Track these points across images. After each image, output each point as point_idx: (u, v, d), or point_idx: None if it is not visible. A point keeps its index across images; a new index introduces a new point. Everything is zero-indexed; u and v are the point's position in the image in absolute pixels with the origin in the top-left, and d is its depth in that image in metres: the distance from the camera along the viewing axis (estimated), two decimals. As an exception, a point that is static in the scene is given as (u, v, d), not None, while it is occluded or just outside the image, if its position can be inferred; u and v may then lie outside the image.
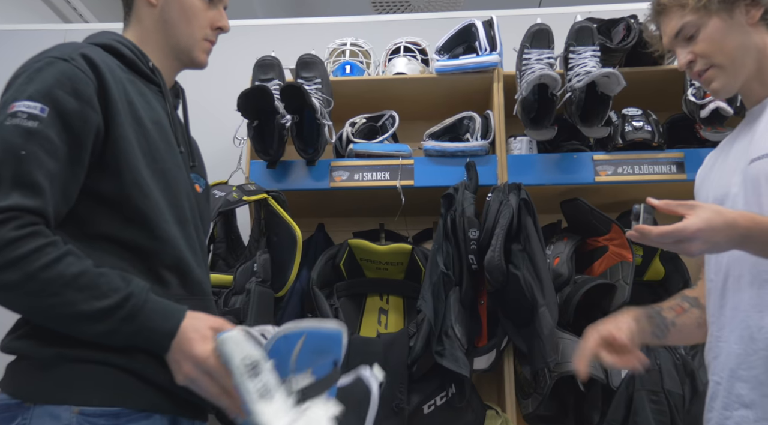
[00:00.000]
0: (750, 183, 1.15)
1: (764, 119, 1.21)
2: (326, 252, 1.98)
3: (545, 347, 1.65)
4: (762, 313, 1.12)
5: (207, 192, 1.33)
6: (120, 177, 1.06)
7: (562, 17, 2.10)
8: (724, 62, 1.21)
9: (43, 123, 0.98)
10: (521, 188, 1.79)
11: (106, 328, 0.96)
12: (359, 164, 1.96)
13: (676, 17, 1.23)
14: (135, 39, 1.22)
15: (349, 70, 2.19)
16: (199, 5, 1.22)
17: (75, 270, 0.95)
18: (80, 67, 1.04)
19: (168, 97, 1.21)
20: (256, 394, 0.91)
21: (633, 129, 1.90)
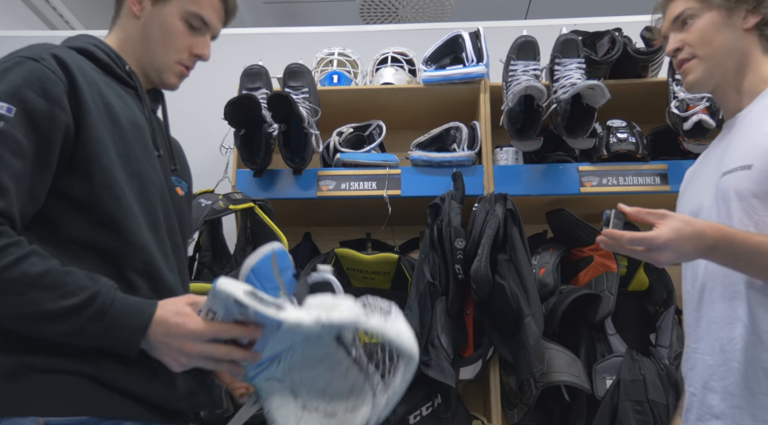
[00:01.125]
0: (721, 196, 1.17)
1: (736, 132, 1.23)
2: (313, 261, 1.97)
3: (531, 357, 1.65)
4: (732, 325, 1.13)
5: (189, 196, 1.32)
6: (91, 179, 1.04)
7: (547, 29, 2.12)
8: (706, 55, 1.23)
9: (10, 123, 0.97)
10: (507, 198, 1.80)
11: (72, 327, 0.94)
12: (346, 174, 1.96)
13: (681, 2, 1.26)
14: (114, 44, 1.21)
15: (337, 79, 2.19)
16: (181, 29, 1.21)
17: (39, 269, 0.93)
18: (50, 67, 1.03)
19: (145, 100, 1.20)
20: (274, 310, 0.93)
21: (617, 141, 1.92)
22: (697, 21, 1.24)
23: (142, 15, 1.20)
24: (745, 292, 1.13)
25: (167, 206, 1.16)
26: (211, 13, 1.23)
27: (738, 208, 1.13)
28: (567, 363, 1.73)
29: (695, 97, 1.81)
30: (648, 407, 1.63)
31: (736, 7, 1.22)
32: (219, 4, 1.25)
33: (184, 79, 1.27)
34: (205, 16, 1.22)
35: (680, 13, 1.25)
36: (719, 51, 1.23)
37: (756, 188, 1.12)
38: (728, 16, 1.22)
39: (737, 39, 1.23)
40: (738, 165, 1.15)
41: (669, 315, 1.83)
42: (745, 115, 1.23)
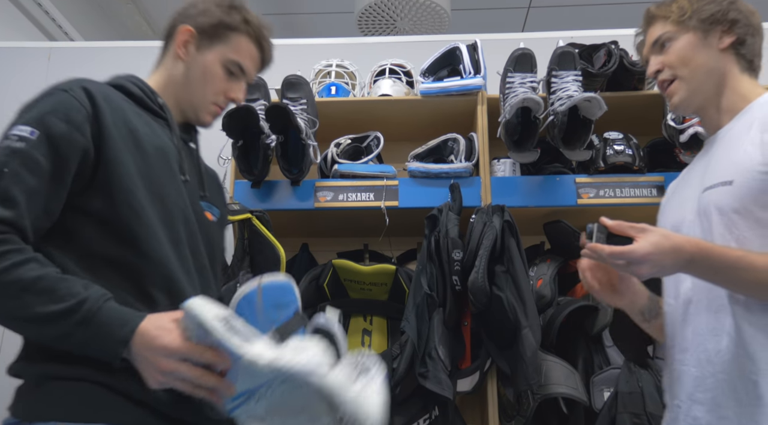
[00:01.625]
0: (703, 211, 1.20)
1: (717, 149, 1.25)
2: (310, 272, 1.97)
3: (528, 369, 1.64)
4: (718, 337, 1.15)
5: (222, 222, 1.39)
6: (112, 197, 1.12)
7: (544, 42, 2.14)
8: (686, 76, 1.28)
9: (30, 144, 1.07)
10: (505, 209, 1.80)
11: (60, 331, 0.99)
12: (344, 185, 1.96)
13: (659, 27, 1.32)
14: (156, 81, 1.34)
15: (335, 91, 2.20)
16: (219, 74, 1.34)
17: (34, 275, 0.99)
18: (76, 97, 1.14)
19: (175, 130, 1.30)
20: (238, 340, 0.93)
21: (614, 153, 1.92)
22: (675, 43, 1.29)
23: (187, 58, 1.33)
24: (729, 305, 1.15)
25: (191, 226, 1.23)
26: (248, 61, 1.37)
27: (719, 223, 1.16)
28: (565, 375, 1.73)
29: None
30: (646, 419, 1.62)
31: (711, 29, 1.27)
32: (257, 54, 1.38)
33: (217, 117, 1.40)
34: (243, 64, 1.35)
35: (659, 36, 1.31)
36: (698, 71, 1.28)
37: (737, 204, 1.14)
38: (704, 37, 1.27)
39: (715, 59, 1.28)
40: (719, 181, 1.18)
41: (666, 327, 1.83)
42: (726, 132, 1.26)
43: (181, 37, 1.34)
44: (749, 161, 1.15)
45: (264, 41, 1.38)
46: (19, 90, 2.55)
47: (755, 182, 1.13)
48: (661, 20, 1.32)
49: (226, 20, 1.34)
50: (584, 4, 4.34)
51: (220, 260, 1.40)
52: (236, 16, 1.35)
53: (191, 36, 1.34)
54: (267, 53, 1.40)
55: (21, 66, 2.59)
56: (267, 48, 1.40)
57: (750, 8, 1.30)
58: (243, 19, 1.35)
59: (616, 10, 4.29)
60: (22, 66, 2.59)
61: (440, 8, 3.71)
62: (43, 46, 2.72)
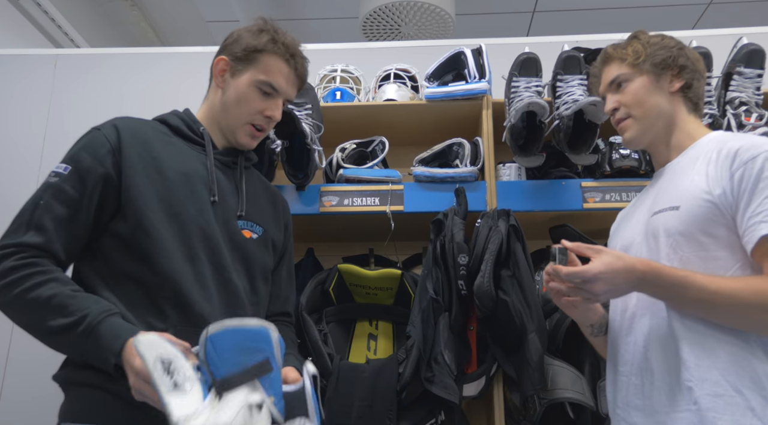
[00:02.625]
0: (651, 233, 1.30)
1: (664, 180, 1.38)
2: (315, 277, 1.97)
3: (535, 373, 1.64)
4: (657, 347, 1.24)
5: (264, 240, 1.46)
6: (128, 219, 1.26)
7: (549, 46, 2.14)
8: (639, 115, 1.39)
9: (62, 178, 1.25)
10: (510, 214, 1.80)
11: (68, 341, 1.14)
12: (349, 189, 1.96)
13: (615, 67, 1.44)
14: (202, 112, 1.49)
15: (340, 96, 2.20)
16: (253, 95, 1.43)
17: (50, 293, 1.15)
18: (105, 133, 1.31)
19: (209, 155, 1.41)
20: (166, 387, 0.99)
21: (620, 157, 1.92)
22: (630, 84, 1.41)
23: (224, 86, 1.46)
24: (668, 319, 1.24)
25: (212, 242, 1.32)
26: (280, 79, 1.45)
27: (666, 244, 1.26)
28: (571, 379, 1.72)
29: (697, 114, 1.83)
30: (653, 424, 1.62)
31: (663, 73, 1.40)
32: (288, 70, 1.46)
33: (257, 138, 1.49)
34: (274, 82, 1.44)
35: (615, 77, 1.43)
36: (650, 111, 1.40)
37: (682, 227, 1.24)
38: (656, 80, 1.40)
39: (665, 101, 1.40)
40: (667, 206, 1.28)
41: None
42: (673, 165, 1.38)
43: (218, 67, 1.47)
44: (695, 189, 1.25)
45: (294, 58, 1.46)
46: (26, 97, 2.59)
47: (700, 208, 1.23)
48: (617, 61, 1.43)
49: (254, 43, 1.44)
50: (589, 9, 4.34)
51: (262, 275, 1.45)
52: (264, 37, 1.44)
53: (226, 64, 1.46)
54: (300, 68, 1.48)
55: (27, 73, 2.61)
56: (299, 63, 1.48)
57: (696, 55, 1.44)
58: (270, 39, 1.44)
59: (620, 15, 4.29)
60: (28, 73, 2.61)
61: (445, 13, 3.71)
62: (49, 54, 2.74)
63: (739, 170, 1.20)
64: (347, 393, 1.73)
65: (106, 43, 4.23)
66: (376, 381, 1.74)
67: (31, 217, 1.22)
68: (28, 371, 2.21)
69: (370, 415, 1.71)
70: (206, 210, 1.33)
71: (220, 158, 1.44)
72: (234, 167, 1.48)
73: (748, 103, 1.85)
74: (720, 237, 1.21)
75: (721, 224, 1.21)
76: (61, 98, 2.55)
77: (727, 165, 1.22)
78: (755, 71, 1.88)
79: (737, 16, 4.35)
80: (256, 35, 1.45)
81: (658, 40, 1.43)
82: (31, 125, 2.51)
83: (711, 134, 1.37)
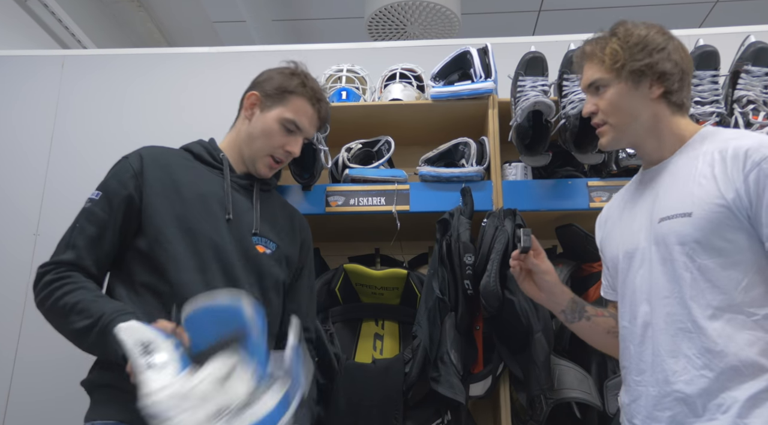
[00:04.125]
0: (660, 241, 1.27)
1: (662, 180, 1.33)
2: (321, 277, 1.97)
3: (541, 373, 1.64)
4: (676, 359, 1.21)
5: (278, 255, 1.55)
6: (147, 235, 1.40)
7: (555, 45, 2.13)
8: (615, 123, 1.36)
9: (94, 203, 1.42)
10: (516, 213, 1.80)
11: (91, 340, 1.26)
12: (355, 189, 1.96)
13: (594, 69, 1.37)
14: (228, 139, 1.63)
15: (346, 96, 2.20)
16: (277, 130, 1.57)
17: (76, 299, 1.29)
18: (130, 161, 1.47)
19: (226, 177, 1.54)
20: (144, 366, 1.07)
21: (627, 156, 1.91)
22: (607, 91, 1.35)
23: (252, 119, 1.59)
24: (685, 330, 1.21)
25: (225, 256, 1.43)
26: (304, 120, 1.59)
27: (680, 252, 1.23)
28: (578, 379, 1.72)
29: (705, 113, 1.81)
30: (661, 424, 1.61)
31: (642, 79, 1.32)
32: (312, 112, 1.60)
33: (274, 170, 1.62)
34: (298, 122, 1.57)
35: (594, 80, 1.37)
36: (627, 119, 1.34)
37: (698, 235, 1.21)
38: (635, 87, 1.33)
39: (645, 106, 1.33)
40: (677, 212, 1.25)
41: (681, 331, 1.82)
42: (668, 165, 1.34)
43: (248, 101, 1.60)
44: (706, 194, 1.22)
45: (320, 102, 1.61)
46: (34, 97, 2.61)
47: (714, 214, 1.20)
48: (597, 62, 1.36)
49: (285, 84, 1.58)
50: (595, 7, 4.33)
51: (275, 288, 1.53)
52: (295, 80, 1.58)
53: (257, 99, 1.59)
54: (323, 112, 1.63)
55: (35, 74, 2.62)
56: (323, 108, 1.62)
57: (682, 54, 1.34)
58: (301, 83, 1.58)
59: (626, 13, 4.27)
60: (36, 74, 2.62)
61: (450, 12, 3.71)
62: (56, 55, 2.75)
63: (753, 171, 1.18)
64: (354, 393, 1.74)
65: (112, 43, 4.25)
66: (382, 381, 1.74)
67: (69, 239, 1.39)
68: (36, 373, 2.22)
69: (377, 415, 1.71)
70: (220, 227, 1.46)
71: (237, 181, 1.56)
72: (251, 189, 1.59)
73: (756, 101, 1.83)
74: (737, 241, 1.19)
75: (737, 227, 1.19)
76: (68, 99, 2.56)
77: (738, 167, 1.20)
78: (763, 70, 1.87)
79: (744, 14, 4.32)
80: (289, 77, 1.59)
81: (639, 40, 1.33)
82: (38, 125, 2.53)
83: (702, 130, 1.34)
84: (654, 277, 1.27)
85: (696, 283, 1.20)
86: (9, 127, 2.54)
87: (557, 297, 1.44)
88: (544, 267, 1.42)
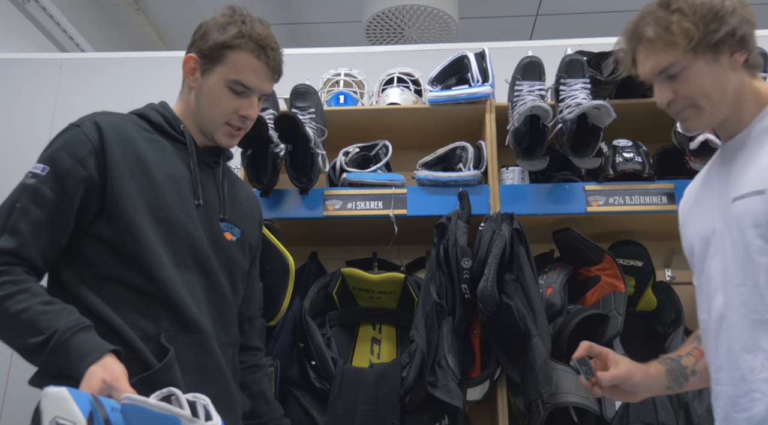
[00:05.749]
0: (734, 222, 1.15)
1: (740, 154, 1.20)
2: (319, 281, 1.97)
3: (538, 378, 1.63)
4: (753, 354, 1.10)
5: (242, 242, 1.43)
6: (115, 223, 1.21)
7: (552, 50, 2.14)
8: (704, 104, 1.19)
9: (39, 180, 1.19)
10: (513, 217, 1.80)
11: (41, 361, 1.11)
12: (352, 193, 1.96)
13: (663, 55, 1.19)
14: (179, 110, 1.40)
15: (343, 100, 2.21)
16: (225, 95, 1.34)
17: (20, 307, 1.09)
18: (85, 132, 1.24)
19: (192, 155, 1.35)
20: None
21: (624, 160, 1.92)
22: (686, 72, 1.18)
23: (195, 85, 1.37)
24: (765, 322, 1.10)
25: (200, 247, 1.30)
26: (251, 76, 1.34)
27: (754, 235, 1.11)
28: (575, 383, 1.72)
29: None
30: (658, 429, 1.61)
31: (720, 50, 1.16)
32: (260, 65, 1.35)
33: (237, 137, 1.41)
34: (244, 80, 1.34)
35: (666, 67, 1.19)
36: (715, 98, 1.19)
37: None
38: (715, 60, 1.17)
39: (728, 79, 1.18)
40: (750, 190, 1.13)
41: (678, 336, 1.82)
42: (744, 138, 1.21)
43: (187, 66, 1.38)
44: None
45: (264, 50, 1.34)
46: (32, 100, 2.60)
47: None
48: (665, 46, 1.18)
49: (221, 40, 1.33)
50: (592, 12, 4.34)
51: (242, 277, 1.44)
52: (232, 31, 1.33)
53: (195, 62, 1.36)
54: (272, 62, 1.36)
55: (33, 77, 2.62)
56: (271, 57, 1.35)
57: (747, 7, 1.19)
58: (238, 33, 1.32)
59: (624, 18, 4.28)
60: (34, 77, 2.62)
61: (448, 17, 3.71)
62: (54, 58, 2.75)
63: None
64: (351, 398, 1.73)
65: (111, 47, 4.24)
66: (379, 386, 1.74)
67: (7, 221, 1.16)
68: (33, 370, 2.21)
69: (374, 420, 1.71)
70: (193, 214, 1.31)
71: (201, 158, 1.39)
72: (215, 167, 1.43)
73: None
74: None
75: None
76: (66, 102, 2.56)
77: None
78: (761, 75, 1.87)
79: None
80: (223, 29, 1.33)
81: (708, 8, 1.15)
82: (36, 128, 2.52)
83: None
84: (727, 264, 1.15)
85: None
86: (7, 130, 2.54)
87: (657, 386, 1.32)
88: (625, 373, 1.29)
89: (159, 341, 1.20)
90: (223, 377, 1.31)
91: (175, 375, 1.19)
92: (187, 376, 1.22)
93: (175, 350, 1.20)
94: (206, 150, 1.41)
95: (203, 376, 1.26)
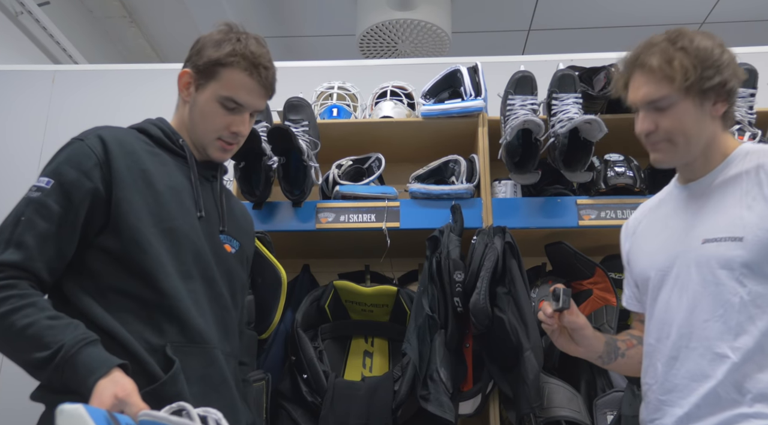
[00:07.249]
0: (703, 263, 1.23)
1: (709, 199, 1.28)
2: (311, 294, 1.96)
3: (530, 391, 1.63)
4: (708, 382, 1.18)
5: (241, 253, 1.45)
6: (121, 234, 1.21)
7: (545, 65, 2.15)
8: (680, 142, 1.26)
9: (45, 193, 1.19)
10: (506, 231, 1.80)
11: (46, 376, 1.09)
12: (345, 206, 1.96)
13: (659, 86, 1.25)
14: (175, 124, 1.42)
15: (336, 113, 2.21)
16: (216, 111, 1.36)
17: (26, 322, 1.08)
18: (89, 145, 1.24)
19: (193, 168, 1.37)
20: None
21: (615, 174, 1.93)
22: (673, 108, 1.25)
23: (189, 100, 1.39)
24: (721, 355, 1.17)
25: (203, 258, 1.31)
26: (243, 94, 1.36)
27: (728, 277, 1.19)
28: (567, 397, 1.71)
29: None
30: (650, 443, 1.61)
31: (707, 97, 1.24)
32: (252, 84, 1.36)
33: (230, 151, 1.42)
34: (236, 97, 1.36)
35: (658, 98, 1.26)
36: (692, 138, 1.27)
37: (750, 259, 1.17)
38: (700, 104, 1.25)
39: (706, 125, 1.27)
40: (725, 236, 1.20)
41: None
42: (709, 184, 1.29)
43: (182, 81, 1.39)
44: (757, 217, 1.18)
45: (257, 68, 1.35)
46: (24, 112, 2.60)
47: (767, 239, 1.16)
48: (662, 79, 1.24)
49: (215, 57, 1.34)
50: (584, 28, 4.38)
51: (241, 289, 1.45)
52: (226, 49, 1.34)
53: (190, 77, 1.38)
54: (264, 80, 1.37)
55: (25, 89, 2.62)
56: (263, 75, 1.37)
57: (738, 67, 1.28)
58: (231, 51, 1.34)
59: (615, 34, 4.33)
60: (26, 89, 2.62)
61: (441, 31, 3.74)
62: (47, 69, 2.75)
63: None
64: (342, 411, 1.72)
65: (104, 59, 4.24)
66: (371, 399, 1.73)
67: (12, 234, 1.15)
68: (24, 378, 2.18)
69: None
70: (196, 225, 1.32)
71: (200, 172, 1.41)
72: (213, 181, 1.45)
73: (742, 122, 1.86)
74: None
75: None
76: (59, 114, 2.56)
77: None
78: (748, 91, 1.90)
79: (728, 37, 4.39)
80: (218, 46, 1.35)
81: (707, 55, 1.23)
82: (28, 139, 2.52)
83: (743, 147, 1.29)
84: (693, 299, 1.23)
85: (745, 308, 1.17)
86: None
87: (594, 347, 1.40)
88: (581, 322, 1.37)
89: (164, 352, 1.20)
90: (228, 387, 1.31)
91: (181, 387, 1.19)
92: (191, 386, 1.21)
93: (180, 360, 1.20)
94: (204, 164, 1.43)
95: (208, 386, 1.26)
